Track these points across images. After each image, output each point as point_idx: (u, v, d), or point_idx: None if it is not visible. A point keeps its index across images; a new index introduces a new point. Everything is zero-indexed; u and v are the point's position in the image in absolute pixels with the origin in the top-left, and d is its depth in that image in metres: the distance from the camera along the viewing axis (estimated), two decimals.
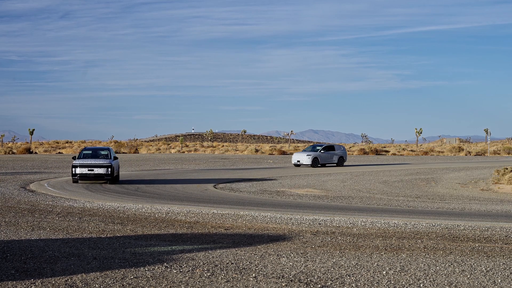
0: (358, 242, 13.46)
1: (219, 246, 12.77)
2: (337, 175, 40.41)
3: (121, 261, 10.94)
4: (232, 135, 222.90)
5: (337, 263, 10.95)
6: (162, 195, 26.18)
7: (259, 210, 20.08)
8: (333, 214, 18.91)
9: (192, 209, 20.02)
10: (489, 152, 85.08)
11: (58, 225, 16.05)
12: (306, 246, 12.87)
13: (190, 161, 63.43)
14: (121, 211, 19.66)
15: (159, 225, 16.27)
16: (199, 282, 9.45)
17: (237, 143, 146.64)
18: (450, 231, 15.14)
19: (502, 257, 11.65)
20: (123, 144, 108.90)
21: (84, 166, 30.88)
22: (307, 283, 9.45)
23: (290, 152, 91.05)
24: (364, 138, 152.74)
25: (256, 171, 44.79)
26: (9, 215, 18.12)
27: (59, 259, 11.14)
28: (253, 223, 16.87)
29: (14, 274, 9.87)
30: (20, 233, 14.44)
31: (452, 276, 9.99)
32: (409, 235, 14.47)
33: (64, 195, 25.05)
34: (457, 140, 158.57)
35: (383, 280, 9.65)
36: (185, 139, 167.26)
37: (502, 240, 13.78)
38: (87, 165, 30.92)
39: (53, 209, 19.81)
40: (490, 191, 29.10)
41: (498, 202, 24.10)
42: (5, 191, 26.71)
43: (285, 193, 28.10)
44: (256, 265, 10.77)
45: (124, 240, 13.58)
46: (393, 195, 27.19)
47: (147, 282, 9.40)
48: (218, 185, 32.69)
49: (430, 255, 11.81)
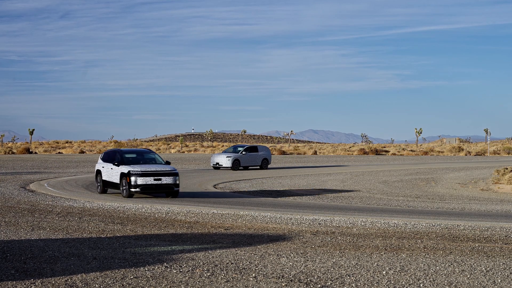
0: (358, 242, 13.46)
1: (219, 246, 12.76)
2: (337, 175, 40.41)
3: (121, 261, 10.94)
4: (232, 135, 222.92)
5: (337, 263, 10.95)
6: (162, 195, 26.17)
7: (259, 210, 20.08)
8: (333, 214, 18.91)
9: (192, 209, 20.02)
10: (489, 152, 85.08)
11: (58, 225, 16.05)
12: (306, 246, 12.87)
13: (190, 161, 63.41)
14: (121, 211, 19.66)
15: (159, 225, 16.27)
16: (199, 282, 9.45)
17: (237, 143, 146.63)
18: (450, 231, 15.14)
19: (502, 257, 11.65)
20: (123, 144, 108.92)
21: (147, 174, 23.72)
22: (307, 283, 9.45)
23: (290, 152, 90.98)
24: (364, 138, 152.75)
25: (256, 171, 44.77)
26: (9, 215, 18.12)
27: (59, 259, 11.14)
28: (253, 223, 16.87)
29: (14, 274, 9.87)
30: (20, 233, 14.44)
31: (452, 276, 9.99)
32: (409, 235, 14.47)
33: (64, 195, 25.04)
34: (457, 140, 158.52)
35: (383, 280, 9.65)
36: (185, 139, 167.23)
37: (502, 240, 13.78)
38: (150, 172, 23.83)
39: (53, 209, 19.81)
40: (490, 191, 29.09)
41: (498, 202, 24.10)
42: (5, 191, 26.71)
43: (285, 193, 28.10)
44: (256, 265, 10.77)
45: (124, 240, 13.58)
46: (393, 195, 27.19)
47: (147, 282, 9.40)
48: (218, 185, 32.69)
49: (430, 255, 11.81)
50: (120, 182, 24.36)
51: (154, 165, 24.66)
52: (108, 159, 25.97)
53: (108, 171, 25.41)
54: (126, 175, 23.84)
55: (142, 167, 24.12)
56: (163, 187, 24.05)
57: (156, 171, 23.99)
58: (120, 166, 24.44)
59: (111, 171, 25.20)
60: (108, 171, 25.47)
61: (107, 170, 25.56)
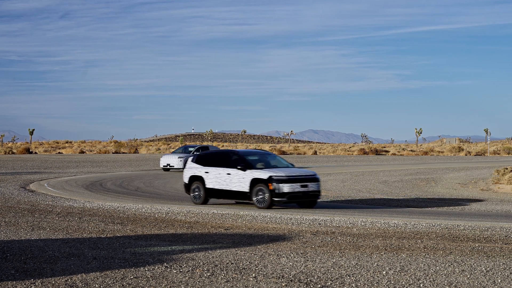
0: (358, 242, 13.46)
1: (219, 246, 12.77)
2: (337, 175, 40.42)
3: (121, 261, 10.94)
4: (232, 135, 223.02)
5: (337, 263, 10.95)
6: (162, 195, 26.19)
7: (259, 210, 20.07)
8: (333, 214, 18.91)
9: (192, 209, 20.02)
10: (489, 152, 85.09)
11: (58, 225, 16.05)
12: (306, 246, 12.87)
13: None
14: (121, 211, 19.66)
15: (159, 225, 16.28)
16: (199, 282, 9.45)
17: (237, 143, 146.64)
18: (450, 231, 15.14)
19: (502, 257, 11.65)
20: (123, 144, 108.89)
21: (293, 179, 20.45)
22: (307, 283, 9.45)
23: (290, 152, 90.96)
24: (364, 138, 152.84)
25: None
26: (9, 215, 18.12)
27: (59, 259, 11.14)
28: (253, 223, 16.87)
29: (14, 274, 9.87)
30: (20, 233, 14.44)
31: (452, 276, 9.99)
32: (409, 235, 14.47)
33: (64, 195, 25.05)
34: (457, 140, 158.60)
35: (383, 280, 9.65)
36: (185, 139, 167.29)
37: (502, 240, 13.78)
38: (296, 177, 20.59)
39: (53, 209, 19.81)
40: (490, 191, 29.09)
41: (498, 202, 24.10)
42: (5, 191, 26.71)
43: None
44: (256, 265, 10.77)
45: (124, 240, 13.58)
46: (393, 195, 27.19)
47: (147, 282, 9.40)
48: None
49: (430, 255, 11.81)
50: (252, 190, 20.45)
51: (293, 169, 21.44)
52: (215, 162, 21.86)
53: (220, 177, 21.37)
54: (264, 182, 20.17)
55: (281, 171, 20.71)
56: (309, 195, 20.82)
57: (301, 176, 20.79)
58: (247, 171, 20.62)
59: (227, 177, 21.19)
60: (218, 176, 21.42)
61: (215, 176, 21.49)
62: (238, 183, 20.84)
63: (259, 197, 20.41)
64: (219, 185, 21.40)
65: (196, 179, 22.00)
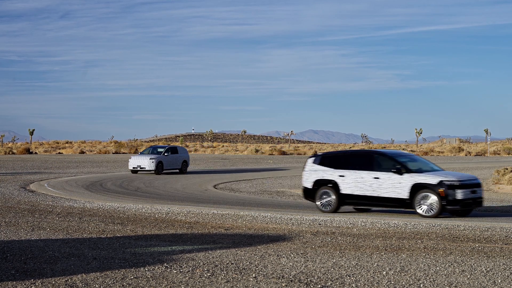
0: (358, 242, 13.46)
1: (219, 246, 12.77)
2: None
3: (121, 261, 10.94)
4: (232, 135, 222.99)
5: (337, 264, 10.95)
6: (162, 195, 26.19)
7: (259, 210, 20.07)
8: (333, 215, 18.90)
9: (192, 209, 20.02)
10: (489, 153, 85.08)
11: (58, 225, 16.05)
12: (306, 246, 12.87)
13: (190, 161, 63.40)
14: (121, 211, 19.66)
15: (159, 225, 16.28)
16: (199, 282, 9.45)
17: (237, 143, 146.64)
18: (450, 231, 15.14)
19: (502, 257, 11.65)
20: (123, 144, 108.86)
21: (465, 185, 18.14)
22: (307, 283, 9.45)
23: (290, 153, 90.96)
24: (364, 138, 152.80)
25: (256, 171, 44.79)
26: (9, 215, 18.12)
27: (59, 259, 11.14)
28: (253, 223, 16.87)
29: (14, 274, 9.87)
30: (20, 233, 14.44)
31: (452, 276, 9.99)
32: (409, 235, 14.48)
33: (64, 195, 25.05)
34: (457, 140, 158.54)
35: (383, 281, 9.65)
36: (185, 139, 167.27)
37: (502, 240, 13.78)
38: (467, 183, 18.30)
39: (53, 209, 19.81)
40: (490, 191, 29.08)
41: (498, 202, 24.10)
42: (5, 191, 26.71)
43: (285, 193, 28.10)
44: (256, 265, 10.77)
45: (124, 240, 13.58)
46: None
47: (147, 282, 9.40)
48: (218, 185, 32.70)
49: (430, 255, 11.81)
50: (413, 197, 18.05)
51: (455, 173, 19.56)
52: (351, 164, 19.48)
53: (363, 181, 18.92)
54: (431, 187, 17.82)
55: (444, 175, 18.43)
56: (477, 202, 18.47)
57: (470, 180, 18.47)
58: (405, 175, 18.25)
59: (373, 182, 18.73)
60: (359, 181, 18.97)
61: (355, 180, 19.06)
62: (392, 189, 18.42)
63: (424, 205, 18.01)
64: (360, 191, 18.94)
65: (326, 184, 19.51)
